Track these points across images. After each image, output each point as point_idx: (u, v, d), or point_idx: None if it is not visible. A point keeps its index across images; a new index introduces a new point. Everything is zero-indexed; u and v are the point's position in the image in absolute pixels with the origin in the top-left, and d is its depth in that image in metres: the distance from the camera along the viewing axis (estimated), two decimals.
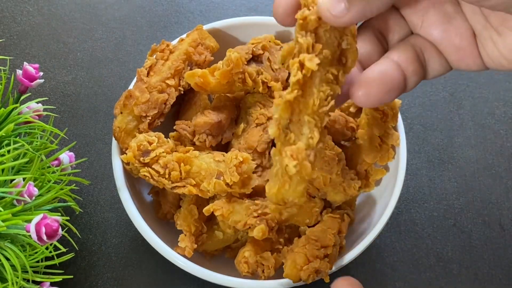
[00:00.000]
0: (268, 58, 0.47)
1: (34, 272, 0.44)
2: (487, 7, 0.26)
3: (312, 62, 0.25)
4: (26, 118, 0.45)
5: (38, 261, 0.44)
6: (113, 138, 0.47)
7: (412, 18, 0.30)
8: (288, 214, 0.44)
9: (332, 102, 0.27)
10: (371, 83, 0.28)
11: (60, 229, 0.38)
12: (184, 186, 0.43)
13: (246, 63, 0.46)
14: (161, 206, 0.50)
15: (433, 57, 0.30)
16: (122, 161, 0.45)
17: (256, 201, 0.44)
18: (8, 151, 0.41)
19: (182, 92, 0.49)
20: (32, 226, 0.37)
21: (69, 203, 0.47)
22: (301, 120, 0.26)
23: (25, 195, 0.40)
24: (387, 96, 0.28)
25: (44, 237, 0.37)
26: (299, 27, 0.26)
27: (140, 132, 0.46)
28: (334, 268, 0.43)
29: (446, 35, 0.29)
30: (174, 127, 0.47)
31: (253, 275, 0.44)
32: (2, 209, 0.39)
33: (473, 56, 0.29)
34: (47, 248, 0.43)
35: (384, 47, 0.31)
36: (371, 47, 0.31)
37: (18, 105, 0.45)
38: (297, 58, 0.26)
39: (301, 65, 0.26)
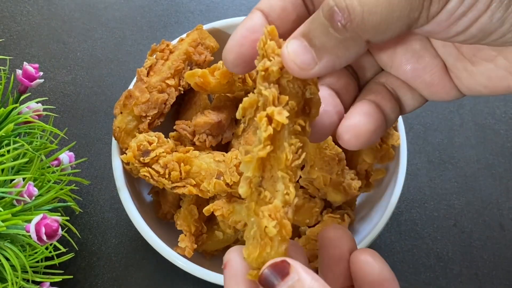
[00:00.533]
0: None
1: (34, 272, 0.44)
2: (458, 42, 0.26)
3: (281, 115, 0.24)
4: (26, 118, 0.45)
5: (38, 261, 0.44)
6: (113, 138, 0.47)
7: (381, 58, 0.30)
8: None
9: (303, 155, 0.26)
10: (358, 126, 0.28)
11: (60, 229, 0.38)
12: (184, 186, 0.43)
13: None
14: (161, 206, 0.50)
15: (406, 94, 0.30)
16: (122, 161, 0.45)
17: None
18: (8, 151, 0.41)
19: (182, 92, 0.48)
20: (32, 226, 0.37)
21: (69, 203, 0.47)
22: (274, 176, 0.25)
23: (25, 195, 0.40)
24: (374, 136, 0.28)
25: (44, 237, 0.37)
26: (261, 78, 0.25)
27: (140, 132, 0.46)
28: None
29: (416, 73, 0.29)
30: (174, 127, 0.47)
31: None
32: (2, 209, 0.39)
33: (446, 89, 0.29)
34: (46, 248, 0.43)
35: (357, 80, 0.31)
36: (346, 80, 0.30)
37: (18, 105, 0.45)
38: (264, 111, 0.24)
39: (270, 119, 0.24)
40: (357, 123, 0.28)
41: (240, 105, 0.26)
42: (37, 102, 0.47)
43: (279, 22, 0.27)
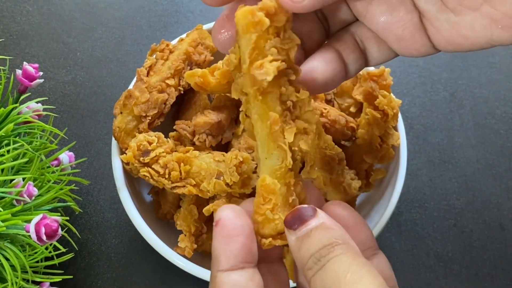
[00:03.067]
0: None
1: (34, 272, 0.44)
2: None
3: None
4: (25, 118, 0.45)
5: (37, 261, 0.44)
6: (113, 138, 0.47)
7: (356, 7, 0.30)
8: None
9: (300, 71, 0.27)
10: (314, 71, 0.29)
11: (59, 229, 0.38)
12: (184, 186, 0.43)
13: None
14: (161, 206, 0.50)
15: (373, 47, 0.30)
16: (122, 161, 0.45)
17: None
18: (8, 151, 0.41)
19: (182, 92, 0.48)
20: (31, 226, 0.37)
21: (68, 203, 0.46)
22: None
23: (25, 195, 0.40)
24: (331, 82, 0.29)
25: (44, 237, 0.37)
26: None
27: (140, 132, 0.46)
28: None
29: (388, 26, 0.29)
30: (174, 127, 0.47)
31: None
32: (1, 209, 0.39)
33: (416, 45, 0.29)
34: (46, 248, 0.43)
35: (325, 28, 0.31)
36: (311, 25, 0.30)
37: (17, 105, 0.45)
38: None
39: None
40: (314, 68, 0.29)
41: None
42: (37, 102, 0.47)
43: None
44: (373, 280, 0.23)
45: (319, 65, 0.29)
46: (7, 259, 0.39)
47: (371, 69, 0.47)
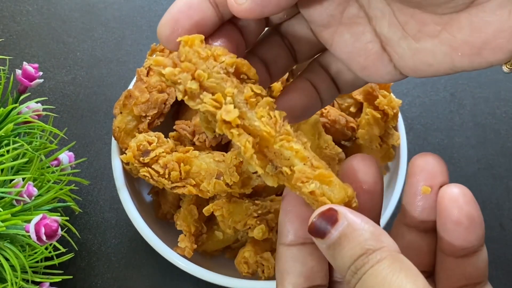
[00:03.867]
0: None
1: (34, 272, 0.44)
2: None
3: (230, 113, 0.24)
4: (25, 118, 0.45)
5: (37, 262, 0.44)
6: (113, 138, 0.47)
7: (323, 36, 0.30)
8: None
9: (277, 112, 0.26)
10: (291, 100, 0.29)
11: (59, 229, 0.38)
12: (184, 186, 0.43)
13: None
14: (161, 206, 0.49)
15: (344, 73, 0.31)
16: (122, 161, 0.45)
17: (256, 201, 0.44)
18: (8, 151, 0.41)
19: None
20: (31, 226, 0.37)
21: (68, 203, 0.46)
22: (276, 152, 0.25)
23: (25, 195, 0.40)
24: (306, 111, 0.30)
25: (44, 237, 0.37)
26: (188, 100, 0.25)
27: (140, 132, 0.46)
28: None
29: (351, 55, 0.29)
30: (174, 127, 0.47)
31: (253, 276, 0.44)
32: (1, 209, 0.39)
33: (380, 73, 0.29)
34: (46, 249, 0.43)
35: (292, 54, 0.31)
36: (277, 51, 0.31)
37: (17, 105, 0.45)
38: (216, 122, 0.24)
39: (226, 122, 0.24)
40: (290, 99, 0.29)
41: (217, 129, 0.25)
42: (36, 102, 0.47)
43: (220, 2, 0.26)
44: (412, 286, 0.22)
45: (294, 96, 0.30)
46: (6, 259, 0.39)
47: None
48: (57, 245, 0.43)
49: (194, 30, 0.26)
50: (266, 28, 0.31)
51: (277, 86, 0.47)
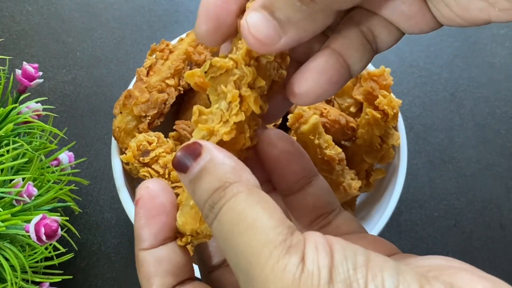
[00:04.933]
0: None
1: (33, 272, 0.44)
2: None
3: (256, 105, 0.24)
4: (25, 118, 0.45)
5: (37, 262, 0.44)
6: (113, 138, 0.47)
7: None
8: None
9: (256, 139, 0.26)
10: (309, 80, 0.26)
11: (59, 229, 0.38)
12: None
13: None
14: None
15: (382, 32, 0.28)
16: (122, 161, 0.45)
17: None
18: (8, 151, 0.41)
19: (182, 92, 0.48)
20: (31, 226, 0.37)
21: (68, 203, 0.46)
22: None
23: (24, 195, 0.40)
24: (327, 94, 0.27)
25: (44, 237, 0.37)
26: (245, 52, 0.24)
27: (140, 132, 0.46)
28: None
29: (394, 5, 0.27)
30: (174, 127, 0.47)
31: None
32: (1, 209, 0.39)
33: (426, 19, 0.27)
34: (46, 249, 0.43)
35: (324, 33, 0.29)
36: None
37: (17, 105, 0.45)
38: (237, 91, 0.24)
39: (241, 99, 0.24)
40: (306, 84, 0.26)
41: (208, 61, 0.24)
42: (36, 102, 0.47)
43: None
44: (268, 220, 0.20)
45: (312, 80, 0.26)
46: (6, 259, 0.39)
47: (372, 69, 0.47)
48: (57, 245, 0.43)
49: (233, 19, 0.25)
50: None
51: None
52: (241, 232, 0.21)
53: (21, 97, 0.46)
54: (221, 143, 0.24)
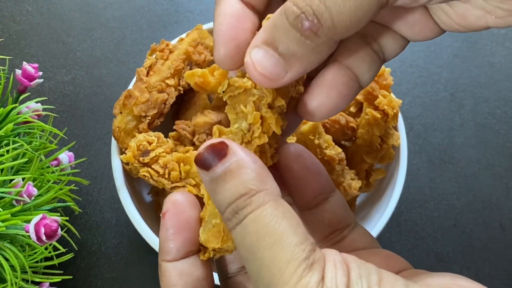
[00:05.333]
0: None
1: (33, 272, 0.44)
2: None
3: (278, 126, 0.24)
4: (25, 118, 0.45)
5: (37, 262, 0.44)
6: (113, 138, 0.47)
7: None
8: None
9: (276, 157, 0.26)
10: (319, 96, 0.26)
11: (59, 230, 0.38)
12: (184, 186, 0.43)
13: None
14: (160, 206, 0.49)
15: (388, 41, 0.28)
16: (122, 161, 0.45)
17: None
18: (7, 151, 0.41)
19: (181, 92, 0.48)
20: (31, 226, 0.37)
21: (68, 203, 0.46)
22: None
23: (24, 195, 0.40)
24: (338, 109, 0.27)
25: (43, 238, 0.37)
26: None
27: (140, 132, 0.46)
28: None
29: (396, 13, 0.27)
30: (174, 127, 0.47)
31: None
32: (1, 209, 0.39)
33: (430, 26, 0.27)
34: (46, 249, 0.43)
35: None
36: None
37: (17, 105, 0.45)
38: (256, 110, 0.24)
39: (262, 119, 0.24)
40: (317, 100, 0.26)
41: (226, 81, 0.25)
42: (36, 102, 0.47)
43: (255, 1, 0.25)
44: (294, 236, 0.21)
45: (321, 97, 0.26)
46: (6, 259, 0.39)
47: None
48: (57, 245, 0.43)
49: (251, 38, 0.24)
50: None
51: None
52: (267, 246, 0.21)
53: (21, 97, 0.46)
54: None
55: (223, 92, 0.25)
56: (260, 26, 0.25)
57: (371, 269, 0.21)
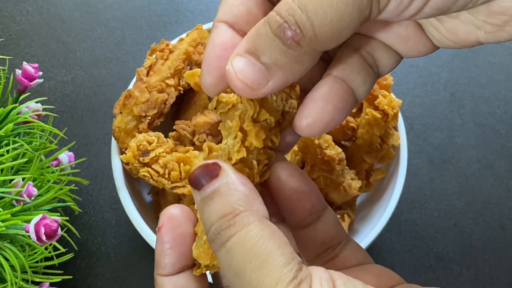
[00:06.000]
0: None
1: (33, 272, 0.44)
2: (417, 19, 0.25)
3: (258, 139, 0.24)
4: (25, 118, 0.45)
5: (37, 262, 0.44)
6: (113, 138, 0.47)
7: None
8: None
9: (268, 173, 0.26)
10: (314, 109, 0.26)
11: (59, 229, 0.38)
12: (184, 186, 0.43)
13: None
14: (160, 206, 0.49)
15: (382, 55, 0.28)
16: (122, 161, 0.45)
17: None
18: (7, 151, 0.41)
19: (182, 92, 0.48)
20: (31, 226, 0.37)
21: (68, 203, 0.46)
22: None
23: (24, 195, 0.40)
24: (334, 122, 0.26)
25: (44, 238, 0.37)
26: None
27: (140, 132, 0.46)
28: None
29: (389, 28, 0.27)
30: (174, 127, 0.47)
31: None
32: (1, 209, 0.39)
33: (423, 41, 0.27)
34: (46, 249, 0.43)
35: (323, 59, 0.29)
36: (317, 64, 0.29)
37: (17, 105, 0.45)
38: (239, 123, 0.24)
39: (243, 135, 0.24)
40: (312, 114, 0.26)
41: (216, 98, 0.25)
42: (36, 102, 0.47)
43: (248, 28, 0.25)
44: (280, 257, 0.21)
45: (316, 109, 0.26)
46: (6, 259, 0.39)
47: None
48: (57, 245, 0.43)
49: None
50: None
51: None
52: (254, 269, 0.21)
53: (21, 97, 0.46)
54: None
55: (215, 109, 0.25)
56: None
57: (357, 286, 0.21)
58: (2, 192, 0.39)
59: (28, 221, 0.38)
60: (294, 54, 0.23)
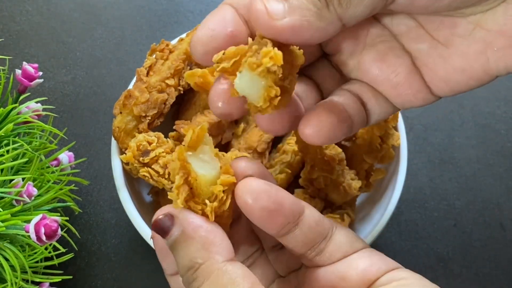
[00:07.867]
0: None
1: (33, 272, 0.44)
2: (439, 9, 0.25)
3: (277, 57, 0.24)
4: (25, 118, 0.45)
5: (37, 262, 0.44)
6: (113, 138, 0.47)
7: (348, 62, 0.29)
8: None
9: (228, 200, 0.27)
10: (321, 115, 0.27)
11: (59, 230, 0.38)
12: None
13: None
14: (160, 207, 0.49)
15: (371, 100, 0.29)
16: (122, 161, 0.45)
17: None
18: (7, 151, 0.41)
19: (181, 92, 0.48)
20: (31, 227, 0.37)
21: (68, 203, 0.46)
22: None
23: (24, 195, 0.40)
24: (336, 132, 0.27)
25: (43, 238, 0.37)
26: (259, 36, 0.25)
27: (140, 132, 0.46)
28: None
29: (380, 73, 0.28)
30: (174, 127, 0.47)
31: None
32: (1, 209, 0.39)
33: (413, 89, 0.28)
34: (46, 249, 0.43)
35: (319, 92, 0.30)
36: (306, 87, 0.30)
37: (17, 105, 0.45)
38: (259, 57, 0.24)
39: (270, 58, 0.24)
40: (318, 118, 0.27)
41: (221, 52, 0.25)
42: (36, 102, 0.47)
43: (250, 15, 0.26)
44: None
45: (322, 115, 0.27)
46: (6, 259, 0.39)
47: None
48: (57, 245, 0.43)
49: (229, 42, 0.25)
50: None
51: None
52: None
53: (21, 97, 0.46)
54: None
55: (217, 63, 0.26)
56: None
57: None
58: (2, 192, 0.39)
59: (28, 221, 0.38)
60: (319, 12, 0.24)
